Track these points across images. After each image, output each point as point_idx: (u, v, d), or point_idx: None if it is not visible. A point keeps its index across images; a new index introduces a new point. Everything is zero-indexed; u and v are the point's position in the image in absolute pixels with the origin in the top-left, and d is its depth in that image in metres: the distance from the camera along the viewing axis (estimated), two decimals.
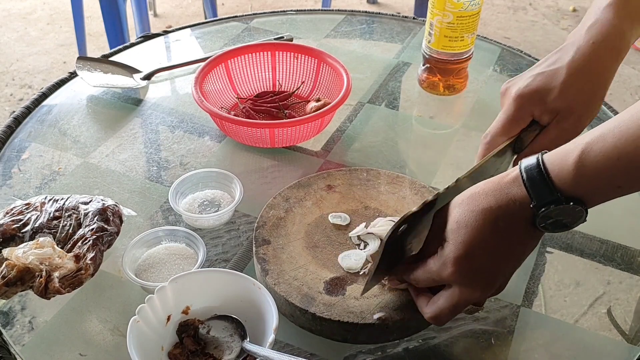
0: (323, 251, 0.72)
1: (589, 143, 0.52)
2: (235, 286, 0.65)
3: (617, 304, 0.73)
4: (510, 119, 0.68)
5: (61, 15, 3.02)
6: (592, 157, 0.51)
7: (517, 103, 0.67)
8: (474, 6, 0.96)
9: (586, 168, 0.51)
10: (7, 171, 0.89)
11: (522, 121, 0.68)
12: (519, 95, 0.67)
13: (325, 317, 0.65)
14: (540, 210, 0.53)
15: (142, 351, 0.59)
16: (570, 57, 0.65)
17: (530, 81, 0.67)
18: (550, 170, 0.53)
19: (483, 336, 0.68)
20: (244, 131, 0.89)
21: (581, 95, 0.65)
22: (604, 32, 0.65)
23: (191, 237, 0.75)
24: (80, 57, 1.08)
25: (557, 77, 0.65)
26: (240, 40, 1.20)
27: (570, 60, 0.65)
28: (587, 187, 0.52)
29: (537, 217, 0.54)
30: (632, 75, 2.66)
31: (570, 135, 0.66)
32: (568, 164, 0.52)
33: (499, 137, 0.69)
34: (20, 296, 0.70)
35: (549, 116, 0.67)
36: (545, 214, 0.53)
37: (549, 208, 0.53)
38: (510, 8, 3.23)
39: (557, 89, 0.65)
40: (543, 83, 0.66)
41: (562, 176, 0.53)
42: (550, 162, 0.54)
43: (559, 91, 0.65)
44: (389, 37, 1.24)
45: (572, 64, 0.65)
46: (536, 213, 0.54)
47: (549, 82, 0.66)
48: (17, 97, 2.47)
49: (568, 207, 0.53)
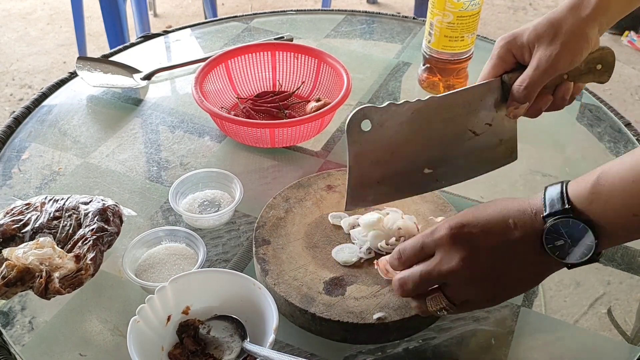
0: (323, 251, 0.72)
1: (608, 165, 0.52)
2: (236, 286, 0.65)
3: (617, 304, 0.73)
4: (493, 61, 0.71)
5: (61, 15, 3.02)
6: (608, 177, 0.52)
7: (499, 46, 0.71)
8: (474, 6, 0.96)
9: (601, 186, 0.52)
10: (7, 171, 0.89)
11: (503, 62, 0.70)
12: (500, 38, 0.71)
13: (325, 317, 0.65)
14: (549, 221, 0.53)
15: (142, 351, 0.59)
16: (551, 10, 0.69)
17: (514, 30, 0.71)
18: (569, 186, 0.54)
19: (483, 336, 0.68)
20: (244, 131, 0.89)
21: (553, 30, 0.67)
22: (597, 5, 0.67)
23: (191, 237, 0.75)
24: (80, 57, 1.08)
25: (534, 22, 0.69)
26: (240, 40, 1.20)
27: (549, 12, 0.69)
28: (602, 207, 0.52)
29: (545, 231, 0.53)
30: (632, 75, 2.66)
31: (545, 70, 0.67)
32: (586, 181, 0.53)
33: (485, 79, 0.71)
34: (20, 296, 0.70)
35: (527, 54, 0.69)
36: (553, 228, 0.53)
37: (557, 220, 0.53)
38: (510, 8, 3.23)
39: (531, 28, 0.69)
40: (521, 28, 0.70)
41: (578, 192, 0.53)
42: (571, 182, 0.55)
43: (532, 29, 0.68)
44: (389, 37, 1.24)
45: (550, 13, 0.69)
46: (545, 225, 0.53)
47: (526, 26, 0.70)
48: (17, 97, 2.47)
49: (576, 224, 0.52)
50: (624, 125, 0.99)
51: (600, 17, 0.67)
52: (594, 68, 0.71)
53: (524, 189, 0.88)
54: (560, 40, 0.67)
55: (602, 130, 1.00)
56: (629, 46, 2.86)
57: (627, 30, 2.90)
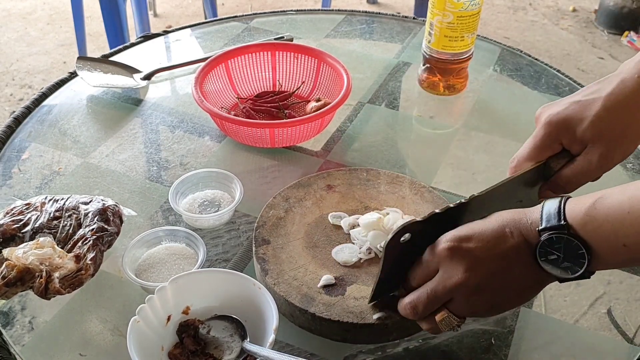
0: (323, 251, 0.72)
1: (609, 190, 0.52)
2: (236, 286, 0.65)
3: (617, 304, 0.73)
4: (539, 145, 0.65)
5: (61, 15, 3.02)
6: (606, 202, 0.51)
7: (546, 129, 0.64)
8: (474, 6, 0.96)
9: (597, 211, 0.51)
10: (7, 171, 0.89)
11: (549, 148, 0.65)
12: (549, 121, 0.64)
13: (325, 317, 0.65)
14: (544, 235, 0.53)
15: (142, 351, 0.59)
16: (610, 88, 0.62)
17: (563, 108, 0.64)
18: (568, 204, 0.54)
19: (483, 336, 0.68)
20: (244, 131, 0.89)
21: (613, 129, 0.61)
22: None
23: (191, 237, 0.75)
24: (80, 57, 1.08)
25: (591, 108, 0.62)
26: (240, 40, 1.20)
27: (609, 92, 0.61)
28: (594, 231, 0.52)
29: (539, 244, 0.53)
30: None
31: (597, 168, 0.63)
32: (583, 202, 0.53)
33: (525, 161, 0.66)
34: (20, 296, 0.70)
35: (578, 146, 0.63)
36: (547, 242, 0.53)
37: (552, 235, 0.53)
38: (510, 8, 3.23)
39: (588, 119, 0.62)
40: (575, 112, 0.63)
41: (574, 212, 0.53)
42: (570, 200, 0.54)
43: (590, 122, 0.62)
44: (389, 37, 1.24)
45: (611, 97, 0.61)
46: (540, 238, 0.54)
47: (582, 111, 0.63)
48: (17, 97, 2.47)
49: (570, 241, 0.52)
50: None
51: None
52: None
53: None
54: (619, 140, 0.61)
55: None
56: (628, 46, 2.86)
57: (627, 30, 2.91)
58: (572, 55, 2.81)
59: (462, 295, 0.57)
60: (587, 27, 3.07)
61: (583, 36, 2.98)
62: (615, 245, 0.51)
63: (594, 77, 2.60)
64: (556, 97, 1.07)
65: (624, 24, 2.92)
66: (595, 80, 0.65)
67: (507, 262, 0.55)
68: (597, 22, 3.06)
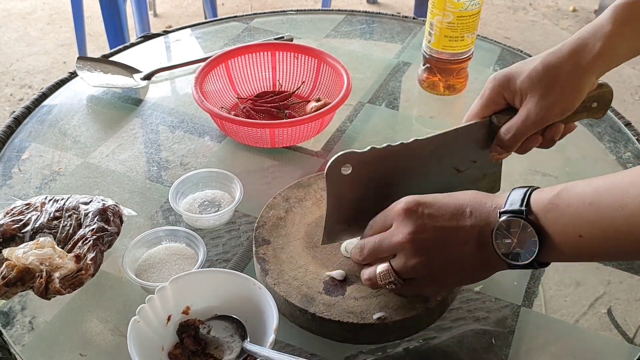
0: (323, 251, 0.72)
1: (577, 182, 0.53)
2: (236, 286, 0.65)
3: (617, 304, 0.73)
4: (484, 101, 0.69)
5: (61, 15, 3.02)
6: (570, 192, 0.53)
7: (490, 85, 0.69)
8: (474, 6, 0.96)
9: (560, 199, 0.53)
10: (7, 171, 0.89)
11: (494, 103, 0.69)
12: (493, 77, 0.69)
13: (325, 317, 0.65)
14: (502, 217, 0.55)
15: (143, 351, 0.59)
16: (551, 50, 0.66)
17: (507, 68, 0.68)
18: (534, 192, 0.55)
19: (483, 336, 0.68)
20: (244, 131, 0.89)
21: (548, 81, 0.64)
22: (591, 31, 0.64)
23: (191, 237, 0.75)
24: (80, 57, 1.08)
25: (530, 64, 0.66)
26: (240, 40, 1.20)
27: (548, 52, 0.66)
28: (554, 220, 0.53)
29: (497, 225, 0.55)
30: (632, 75, 2.66)
31: (536, 118, 0.65)
32: (549, 191, 0.54)
33: (472, 118, 0.70)
34: (21, 296, 0.70)
35: (518, 99, 0.67)
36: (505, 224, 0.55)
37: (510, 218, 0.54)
38: (510, 8, 3.23)
39: (526, 72, 0.66)
40: (516, 67, 0.67)
41: (539, 200, 0.54)
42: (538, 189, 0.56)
43: (527, 74, 0.65)
44: (389, 37, 1.24)
45: (548, 55, 0.65)
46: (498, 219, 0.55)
47: (521, 66, 0.67)
48: (17, 97, 2.47)
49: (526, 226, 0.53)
50: (624, 125, 0.99)
51: (601, 65, 0.64)
52: (589, 106, 0.69)
53: None
54: (554, 93, 0.64)
55: (602, 130, 1.00)
56: None
57: None
58: None
59: (403, 256, 0.59)
60: None
61: None
62: (572, 235, 0.52)
63: None
64: None
65: None
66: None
67: (455, 237, 0.57)
68: None
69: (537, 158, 0.93)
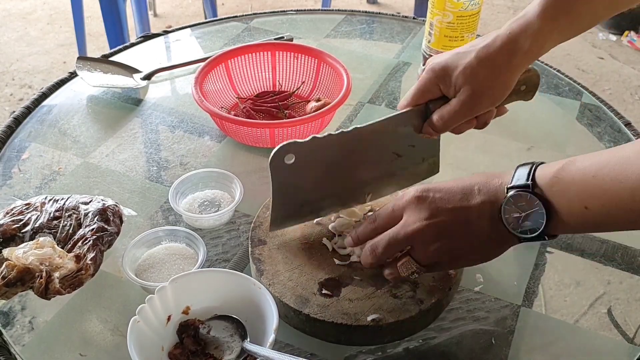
0: (319, 252, 0.72)
1: (579, 157, 0.54)
2: (236, 286, 0.65)
3: (617, 304, 0.73)
4: (420, 89, 0.72)
5: (61, 15, 3.02)
6: (574, 166, 0.54)
7: (427, 74, 0.71)
8: (474, 6, 0.96)
9: (564, 172, 0.54)
10: (7, 171, 0.89)
11: (429, 92, 0.71)
12: (431, 68, 0.71)
13: (320, 319, 0.65)
14: (510, 192, 0.56)
15: (143, 351, 0.59)
16: (484, 42, 0.68)
17: (445, 58, 0.70)
18: (539, 168, 0.57)
19: (483, 336, 0.68)
20: (244, 131, 0.89)
21: (480, 76, 0.68)
22: (521, 27, 0.67)
23: (191, 237, 0.75)
24: (80, 57, 1.08)
25: (465, 58, 0.69)
26: (240, 40, 1.20)
27: (482, 46, 0.68)
28: (559, 192, 0.54)
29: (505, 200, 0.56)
30: (632, 75, 2.66)
31: (466, 108, 0.69)
32: (553, 166, 0.56)
33: (408, 105, 0.73)
34: (21, 296, 0.70)
35: (452, 91, 0.70)
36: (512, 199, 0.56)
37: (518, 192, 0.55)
38: (510, 8, 3.23)
39: (461, 67, 0.68)
40: (452, 60, 0.70)
41: (543, 174, 0.56)
42: (543, 165, 0.57)
43: (462, 69, 0.68)
44: (389, 37, 1.24)
45: (482, 49, 0.68)
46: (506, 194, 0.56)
47: (457, 59, 0.69)
48: (17, 97, 2.47)
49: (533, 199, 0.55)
50: (624, 125, 0.99)
51: (531, 59, 0.69)
52: (518, 89, 0.72)
53: None
54: (486, 87, 0.68)
55: (602, 130, 1.00)
56: (628, 46, 2.86)
57: (627, 30, 2.90)
58: (572, 55, 2.81)
59: (422, 243, 0.60)
60: None
61: (583, 36, 2.98)
62: (578, 207, 0.53)
63: (594, 77, 2.60)
64: (556, 97, 1.07)
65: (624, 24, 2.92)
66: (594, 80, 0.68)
67: (469, 216, 0.58)
68: None
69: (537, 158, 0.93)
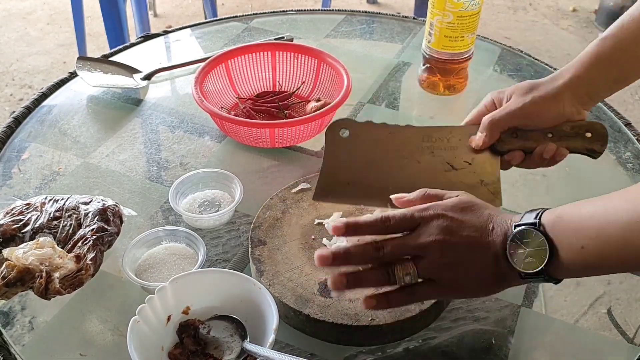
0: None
1: (582, 202, 0.58)
2: (236, 286, 0.65)
3: (617, 304, 0.73)
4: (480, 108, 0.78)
5: (61, 15, 3.02)
6: (575, 207, 0.57)
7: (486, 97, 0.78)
8: (474, 6, 0.96)
9: (566, 213, 0.57)
10: (7, 171, 0.89)
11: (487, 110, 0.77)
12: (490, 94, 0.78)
13: (320, 319, 0.65)
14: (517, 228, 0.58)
15: (143, 351, 0.59)
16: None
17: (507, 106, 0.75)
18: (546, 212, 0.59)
19: (483, 336, 0.68)
20: (244, 131, 0.89)
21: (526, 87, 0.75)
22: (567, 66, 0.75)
23: (191, 237, 0.75)
24: (80, 57, 1.08)
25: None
26: (240, 40, 1.20)
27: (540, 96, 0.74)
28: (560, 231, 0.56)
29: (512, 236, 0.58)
30: None
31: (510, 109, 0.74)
32: (556, 208, 0.58)
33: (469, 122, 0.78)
34: (21, 296, 0.70)
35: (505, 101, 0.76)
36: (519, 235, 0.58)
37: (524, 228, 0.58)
38: (510, 8, 3.23)
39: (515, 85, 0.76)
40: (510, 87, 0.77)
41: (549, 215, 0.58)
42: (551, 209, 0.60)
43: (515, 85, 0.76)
44: (389, 37, 1.24)
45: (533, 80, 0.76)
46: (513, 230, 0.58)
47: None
48: (17, 97, 2.47)
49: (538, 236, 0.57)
50: (624, 125, 0.99)
51: (575, 88, 0.73)
52: (582, 134, 0.74)
53: (524, 188, 0.88)
54: (532, 95, 0.74)
55: None
56: None
57: None
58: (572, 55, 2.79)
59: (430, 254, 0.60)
60: (587, 27, 3.07)
61: (583, 36, 2.98)
62: (576, 246, 0.55)
63: None
64: None
65: None
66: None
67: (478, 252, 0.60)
68: (597, 22, 3.06)
69: None
